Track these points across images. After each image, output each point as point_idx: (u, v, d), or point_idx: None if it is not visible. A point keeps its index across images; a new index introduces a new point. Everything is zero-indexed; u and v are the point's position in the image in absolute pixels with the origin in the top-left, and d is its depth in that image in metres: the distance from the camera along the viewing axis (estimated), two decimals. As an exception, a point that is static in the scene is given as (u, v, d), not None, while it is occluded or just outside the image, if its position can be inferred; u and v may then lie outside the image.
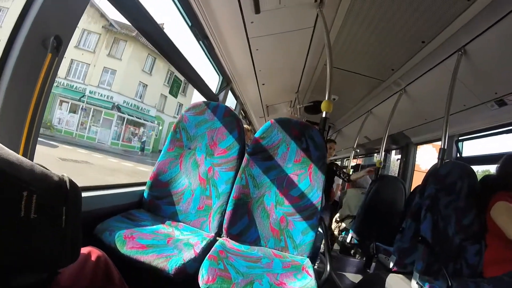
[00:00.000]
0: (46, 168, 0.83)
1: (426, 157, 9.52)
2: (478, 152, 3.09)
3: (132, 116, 23.43)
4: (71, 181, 0.87)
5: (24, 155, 1.07)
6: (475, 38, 2.11)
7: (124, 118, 23.14)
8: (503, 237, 1.99)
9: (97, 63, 21.95)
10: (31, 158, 1.12)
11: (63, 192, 0.83)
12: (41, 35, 1.07)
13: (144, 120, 24.67)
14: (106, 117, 22.46)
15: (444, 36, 2.29)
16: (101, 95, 22.13)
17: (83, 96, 21.41)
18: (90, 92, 21.70)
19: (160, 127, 27.05)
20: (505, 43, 1.99)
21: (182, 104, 28.38)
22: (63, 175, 0.86)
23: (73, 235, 0.85)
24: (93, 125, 22.20)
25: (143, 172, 14.97)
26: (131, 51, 22.71)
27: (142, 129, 25.04)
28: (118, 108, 22.52)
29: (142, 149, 24.02)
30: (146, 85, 24.59)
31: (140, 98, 24.41)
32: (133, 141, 24.30)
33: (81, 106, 21.41)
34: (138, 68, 23.64)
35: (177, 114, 25.83)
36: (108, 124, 22.47)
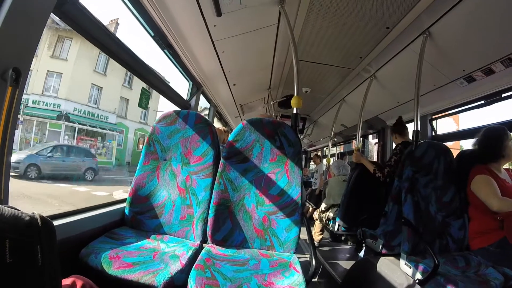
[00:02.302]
0: (16, 209, 0.82)
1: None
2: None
3: (85, 125, 19.48)
4: (42, 218, 0.86)
5: None
6: (438, 20, 2.15)
7: (75, 128, 19.08)
8: (485, 209, 2.06)
9: (40, 67, 17.94)
10: (6, 199, 1.11)
11: (36, 231, 0.82)
12: None
13: (101, 128, 20.65)
14: (52, 129, 18.33)
15: (407, 20, 2.33)
16: (46, 104, 18.24)
17: (25, 107, 17.02)
18: (34, 102, 17.84)
19: (124, 136, 23.33)
20: (467, 22, 2.04)
21: (148, 108, 23.83)
22: (33, 213, 0.85)
23: (52, 270, 0.85)
24: (38, 141, 17.48)
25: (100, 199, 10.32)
26: (77, 49, 18.50)
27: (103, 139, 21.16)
28: (66, 117, 18.59)
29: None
30: (101, 87, 20.77)
31: (96, 104, 20.61)
32: None
33: (19, 120, 17.31)
34: (89, 69, 19.57)
35: (143, 119, 24.96)
36: (55, 137, 18.24)
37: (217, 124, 5.38)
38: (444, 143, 2.42)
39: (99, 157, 18.67)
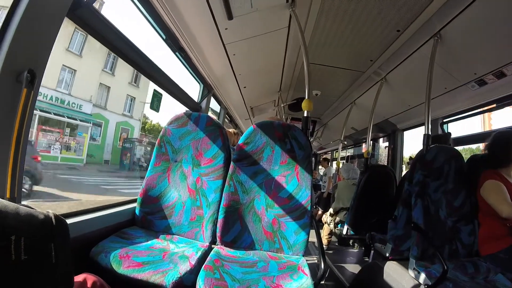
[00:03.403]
0: (31, 208, 0.84)
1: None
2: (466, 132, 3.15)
3: (49, 113, 15.91)
4: (56, 216, 0.88)
5: (12, 195, 1.07)
6: (449, 23, 2.13)
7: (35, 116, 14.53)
8: (495, 215, 2.03)
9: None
10: (19, 197, 1.13)
11: (50, 229, 0.84)
12: (14, 71, 1.06)
13: (69, 118, 17.23)
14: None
15: (418, 23, 2.32)
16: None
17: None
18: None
19: (103, 129, 19.93)
20: (479, 25, 2.02)
21: (134, 98, 22.26)
22: (48, 212, 0.87)
23: (65, 267, 0.87)
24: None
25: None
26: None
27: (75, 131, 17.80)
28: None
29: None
30: (74, 70, 17.17)
31: (67, 89, 17.13)
32: (53, 149, 16.42)
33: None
34: (60, 48, 15.97)
35: (128, 111, 22.10)
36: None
37: (227, 126, 5.40)
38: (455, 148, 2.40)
39: (65, 152, 16.88)
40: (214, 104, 4.09)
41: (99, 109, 19.44)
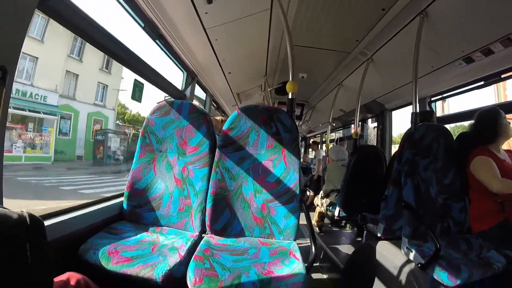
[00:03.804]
0: (4, 208, 0.82)
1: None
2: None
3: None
4: (31, 215, 0.85)
5: None
6: (435, 0, 2.10)
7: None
8: (486, 191, 2.05)
9: None
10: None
11: (24, 228, 0.82)
12: None
13: (31, 111, 15.59)
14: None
15: (403, 1, 2.28)
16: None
17: None
18: None
19: (73, 122, 18.37)
20: (465, 1, 1.99)
21: (106, 86, 20.86)
22: (22, 211, 0.85)
23: (42, 267, 0.84)
24: None
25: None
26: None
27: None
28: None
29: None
30: (36, 58, 15.60)
31: (29, 80, 15.54)
32: (15, 148, 14.88)
33: None
34: None
35: (100, 101, 20.84)
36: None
37: (215, 114, 5.36)
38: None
39: (30, 151, 15.37)
40: (199, 92, 4.04)
41: (67, 99, 18.04)
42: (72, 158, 17.85)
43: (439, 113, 3.62)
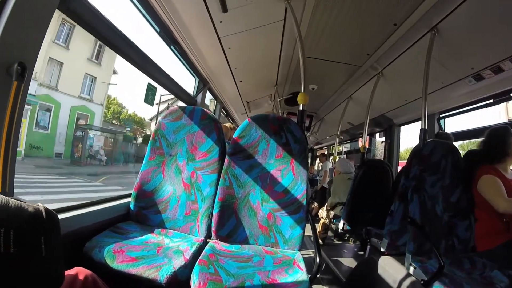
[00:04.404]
0: (21, 201, 0.84)
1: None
2: (461, 127, 3.15)
3: None
4: (47, 210, 0.87)
5: (3, 189, 1.06)
6: (446, 16, 2.12)
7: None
8: (492, 210, 2.03)
9: None
10: (11, 190, 1.12)
11: (40, 222, 0.84)
12: (4, 64, 1.05)
13: None
14: None
15: (415, 17, 2.30)
16: None
17: None
18: None
19: (53, 115, 16.62)
20: (476, 19, 2.01)
21: (95, 78, 18.97)
22: (38, 205, 0.87)
23: (55, 261, 0.86)
24: None
25: None
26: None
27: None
28: None
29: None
30: None
31: None
32: None
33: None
34: None
35: (88, 94, 18.99)
36: None
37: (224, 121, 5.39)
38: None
39: None
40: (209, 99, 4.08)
41: (48, 89, 16.35)
42: (49, 154, 16.20)
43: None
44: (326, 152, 8.78)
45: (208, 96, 3.69)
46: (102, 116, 21.06)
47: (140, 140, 26.89)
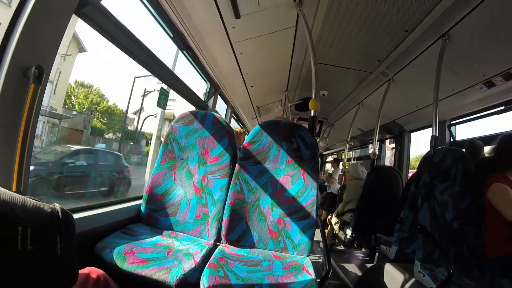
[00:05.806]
0: (37, 200, 0.86)
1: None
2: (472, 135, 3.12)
3: None
4: (63, 210, 0.89)
5: (18, 188, 1.08)
6: (457, 23, 2.11)
7: None
8: (501, 218, 2.00)
9: None
10: (25, 190, 1.14)
11: (56, 222, 0.85)
12: (22, 67, 1.07)
13: None
14: None
15: (426, 23, 2.29)
16: None
17: None
18: None
19: None
20: (487, 25, 2.00)
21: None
22: (54, 205, 0.89)
23: (70, 260, 0.88)
24: None
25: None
26: None
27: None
28: None
29: None
30: None
31: None
32: None
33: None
34: None
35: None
36: None
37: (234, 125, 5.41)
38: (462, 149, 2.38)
39: None
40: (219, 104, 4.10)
41: None
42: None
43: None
44: (337, 157, 8.75)
45: (219, 101, 3.72)
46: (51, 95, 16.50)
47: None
